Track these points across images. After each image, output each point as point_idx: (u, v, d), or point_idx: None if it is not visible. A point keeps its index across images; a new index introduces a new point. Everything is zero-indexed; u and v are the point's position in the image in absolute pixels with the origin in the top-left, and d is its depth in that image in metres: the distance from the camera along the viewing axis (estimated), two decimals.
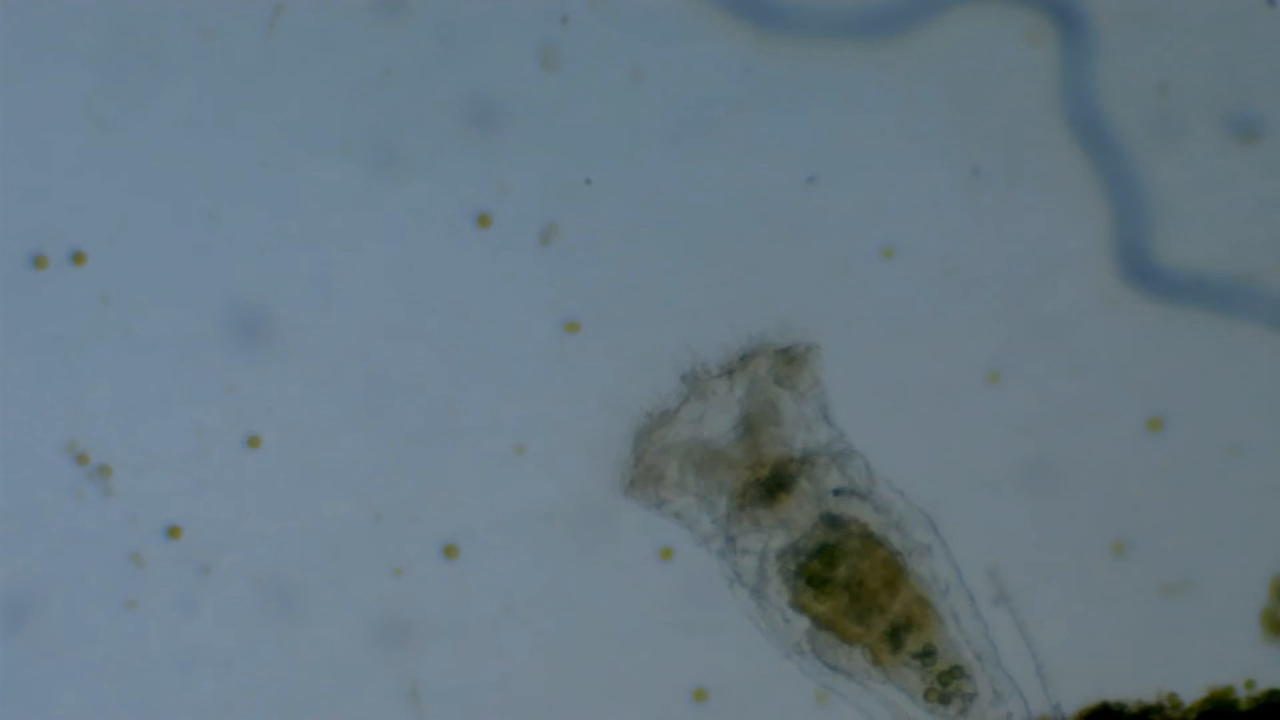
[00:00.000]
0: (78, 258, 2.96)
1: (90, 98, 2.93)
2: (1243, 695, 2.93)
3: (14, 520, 2.96)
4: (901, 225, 2.96)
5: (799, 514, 2.83)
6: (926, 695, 2.85)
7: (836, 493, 2.83)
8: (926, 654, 2.83)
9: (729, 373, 2.85)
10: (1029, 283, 2.96)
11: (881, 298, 2.96)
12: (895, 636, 2.82)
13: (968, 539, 2.95)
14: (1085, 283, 2.96)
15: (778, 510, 2.83)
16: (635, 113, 2.97)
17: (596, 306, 2.96)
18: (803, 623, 2.84)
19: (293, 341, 2.96)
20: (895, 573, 2.82)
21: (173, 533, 2.97)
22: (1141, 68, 2.98)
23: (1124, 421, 2.96)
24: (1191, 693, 2.93)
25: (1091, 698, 2.93)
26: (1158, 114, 2.97)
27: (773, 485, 2.83)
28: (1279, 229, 2.97)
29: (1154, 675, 2.93)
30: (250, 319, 2.95)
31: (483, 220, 2.96)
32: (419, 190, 2.96)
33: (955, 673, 2.84)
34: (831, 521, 2.82)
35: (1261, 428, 2.97)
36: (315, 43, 2.95)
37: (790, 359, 2.85)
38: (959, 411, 2.97)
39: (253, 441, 2.97)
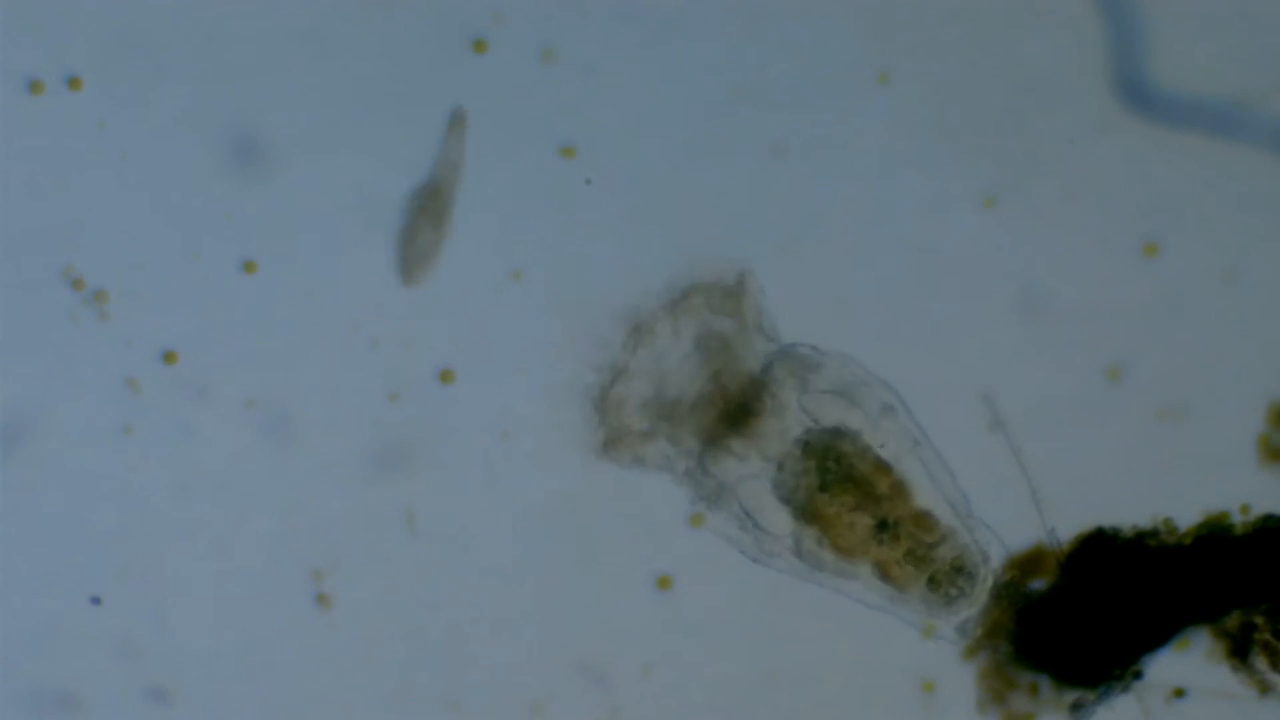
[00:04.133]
0: (73, 83, 2.95)
1: None
2: (1238, 520, 2.93)
3: (8, 345, 2.95)
4: (897, 50, 2.95)
5: (771, 434, 2.83)
6: (930, 583, 2.86)
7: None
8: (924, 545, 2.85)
9: (670, 315, 2.86)
10: (1024, 107, 2.95)
11: (875, 122, 2.95)
12: (887, 529, 2.83)
13: (961, 365, 2.95)
14: (1081, 106, 2.95)
15: (750, 435, 2.83)
16: None
17: (595, 130, 2.96)
18: (802, 536, 2.84)
19: (290, 166, 2.95)
20: (888, 478, 2.83)
21: (168, 358, 2.97)
22: None
23: (1119, 246, 2.96)
24: (1187, 518, 2.93)
25: (1087, 524, 2.93)
26: None
27: (739, 413, 2.84)
28: (1278, 51, 2.96)
29: (1149, 501, 2.93)
30: (248, 144, 2.95)
31: (478, 46, 2.95)
32: (413, 12, 2.96)
33: (956, 569, 2.85)
34: (814, 441, 2.83)
35: (1259, 252, 2.96)
36: None
37: (727, 291, 2.86)
38: (953, 237, 2.96)
39: (249, 267, 2.96)
